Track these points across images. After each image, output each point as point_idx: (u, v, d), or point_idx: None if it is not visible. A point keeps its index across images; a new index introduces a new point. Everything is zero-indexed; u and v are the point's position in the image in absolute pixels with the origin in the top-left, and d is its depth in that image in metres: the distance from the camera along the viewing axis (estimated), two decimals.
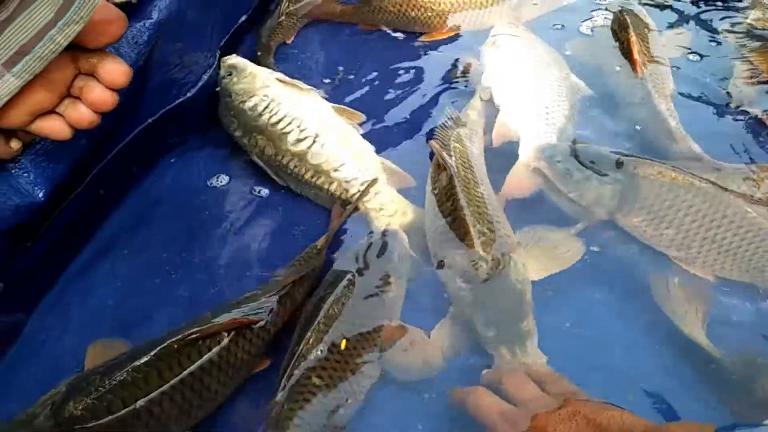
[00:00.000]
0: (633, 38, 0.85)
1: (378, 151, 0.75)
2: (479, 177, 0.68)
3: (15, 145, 0.56)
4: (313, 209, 0.74)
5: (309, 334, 0.55)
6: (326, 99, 0.80)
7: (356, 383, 0.54)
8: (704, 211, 0.63)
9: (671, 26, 0.96)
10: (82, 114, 0.53)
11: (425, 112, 0.83)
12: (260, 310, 0.57)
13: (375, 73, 0.91)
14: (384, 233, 0.66)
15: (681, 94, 0.83)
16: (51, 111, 0.53)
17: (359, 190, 0.71)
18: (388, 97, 0.87)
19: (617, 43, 0.88)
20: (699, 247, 0.63)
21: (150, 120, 0.78)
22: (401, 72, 0.91)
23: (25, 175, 0.59)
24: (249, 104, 0.77)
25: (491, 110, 0.80)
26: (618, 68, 0.85)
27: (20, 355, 0.61)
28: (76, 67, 0.53)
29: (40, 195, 0.60)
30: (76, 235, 0.69)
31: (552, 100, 0.78)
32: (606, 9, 0.97)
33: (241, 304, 0.58)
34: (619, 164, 0.68)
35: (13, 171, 0.59)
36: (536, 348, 0.56)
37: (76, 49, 0.50)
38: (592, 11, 0.97)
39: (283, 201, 0.75)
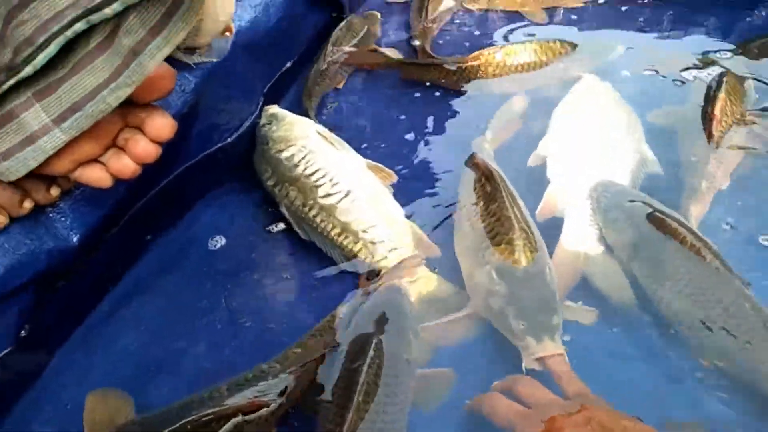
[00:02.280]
0: (721, 104, 0.78)
1: (406, 213, 0.74)
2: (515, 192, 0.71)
3: (54, 192, 0.57)
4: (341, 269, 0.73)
5: (351, 414, 0.51)
6: (361, 154, 0.80)
7: None
8: (702, 288, 0.61)
9: None
10: (126, 165, 0.54)
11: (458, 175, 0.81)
12: (274, 391, 0.56)
13: (413, 130, 0.90)
14: (392, 289, 0.65)
15: None
16: (94, 159, 0.54)
17: (385, 256, 0.70)
18: (422, 155, 0.86)
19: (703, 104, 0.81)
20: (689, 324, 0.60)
21: (188, 164, 0.79)
22: (438, 129, 0.90)
23: (63, 219, 0.60)
24: (286, 154, 0.77)
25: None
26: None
27: (38, 398, 0.61)
28: (124, 121, 0.54)
29: (75, 239, 0.61)
30: (105, 278, 0.70)
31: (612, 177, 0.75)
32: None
33: (258, 380, 0.57)
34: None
35: (51, 215, 0.60)
36: (560, 341, 0.58)
37: (125, 103, 0.50)
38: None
39: (312, 257, 0.74)
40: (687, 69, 0.93)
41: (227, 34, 0.77)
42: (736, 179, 0.75)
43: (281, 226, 0.77)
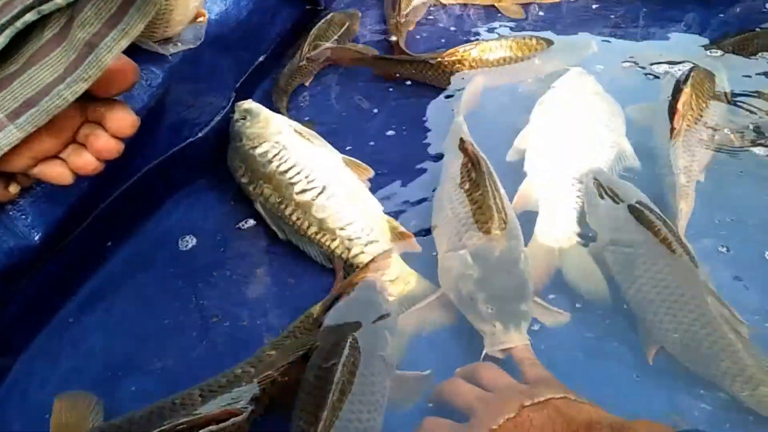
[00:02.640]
0: (685, 98, 0.79)
1: (384, 209, 0.73)
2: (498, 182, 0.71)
3: (13, 189, 0.55)
4: (315, 265, 0.71)
5: (326, 413, 0.50)
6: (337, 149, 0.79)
7: None
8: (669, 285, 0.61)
9: None
10: (86, 161, 0.52)
11: (437, 169, 0.80)
12: (247, 397, 0.54)
13: (388, 125, 0.89)
14: (368, 287, 0.63)
15: None
16: (54, 156, 0.52)
17: (362, 251, 0.69)
18: (399, 150, 0.85)
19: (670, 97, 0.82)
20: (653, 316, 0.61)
21: (157, 160, 0.77)
22: (415, 125, 0.89)
23: (23, 217, 0.58)
24: (260, 150, 0.75)
25: None
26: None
27: (2, 402, 0.60)
28: (84, 115, 0.52)
29: (36, 238, 0.59)
30: (71, 277, 0.68)
31: (578, 177, 0.74)
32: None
33: (232, 385, 0.55)
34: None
35: (10, 213, 0.58)
36: (525, 331, 0.58)
37: (84, 97, 0.49)
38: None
39: (285, 253, 0.73)
40: (659, 64, 0.93)
41: (201, 20, 0.75)
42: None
43: (252, 223, 0.76)
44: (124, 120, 0.51)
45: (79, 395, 0.57)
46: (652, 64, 0.94)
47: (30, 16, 0.42)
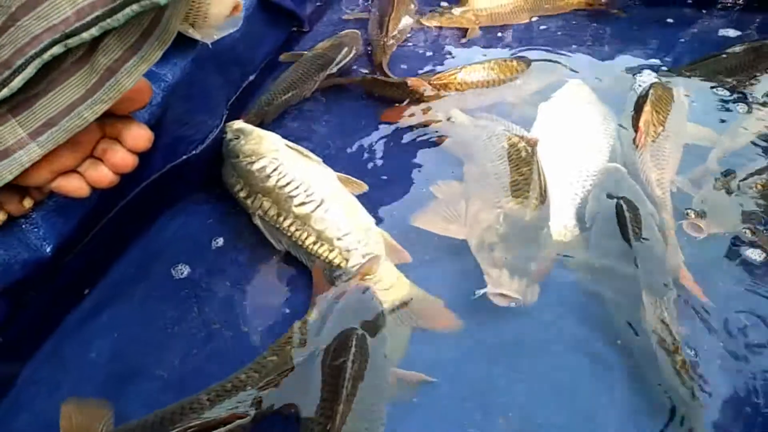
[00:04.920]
0: (646, 116, 0.86)
1: (377, 223, 0.77)
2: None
3: (27, 203, 0.58)
4: (309, 275, 0.75)
5: (340, 407, 0.55)
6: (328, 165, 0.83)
7: None
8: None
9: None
10: (103, 175, 0.55)
11: (425, 183, 0.85)
12: (251, 401, 0.58)
13: (378, 141, 0.93)
14: (359, 290, 0.68)
15: None
16: (72, 170, 0.55)
17: (359, 261, 0.72)
18: (390, 166, 0.89)
19: (633, 112, 0.90)
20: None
21: (155, 175, 0.80)
22: (405, 141, 0.94)
23: (36, 230, 0.61)
24: (257, 165, 0.79)
25: None
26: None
27: (10, 408, 0.62)
28: (101, 131, 0.55)
29: (48, 250, 0.61)
30: (77, 287, 0.71)
31: (579, 176, 0.83)
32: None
33: (237, 390, 0.59)
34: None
35: (23, 226, 0.60)
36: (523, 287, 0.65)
37: (102, 115, 0.52)
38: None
39: (280, 264, 0.76)
40: (624, 80, 1.00)
41: (236, 13, 0.79)
42: None
43: (248, 235, 0.79)
44: (139, 135, 0.55)
45: (88, 401, 0.59)
46: (618, 81, 1.01)
47: (57, 49, 0.45)
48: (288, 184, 0.77)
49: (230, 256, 0.77)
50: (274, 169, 0.78)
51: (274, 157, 0.79)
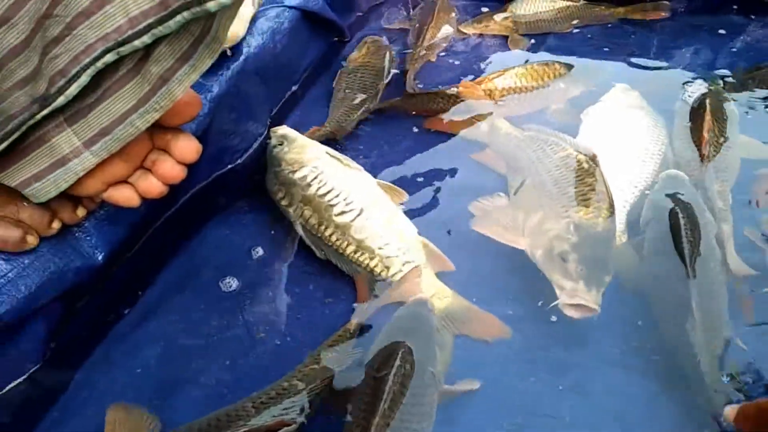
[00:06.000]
0: (707, 125, 0.84)
1: (419, 232, 0.77)
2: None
3: (81, 212, 0.60)
4: (350, 285, 0.75)
5: (376, 420, 0.54)
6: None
7: None
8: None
9: None
10: (153, 185, 0.57)
11: (465, 192, 0.84)
12: (296, 407, 0.58)
13: (419, 150, 0.93)
14: (418, 303, 0.67)
15: None
16: (123, 180, 0.56)
17: (400, 270, 0.72)
18: (430, 175, 0.89)
19: (689, 123, 0.88)
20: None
21: (201, 185, 0.81)
22: (446, 150, 0.93)
23: (88, 238, 0.62)
24: (299, 174, 0.79)
25: None
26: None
27: (62, 413, 0.63)
28: (152, 143, 0.56)
29: (100, 257, 0.63)
30: (126, 295, 0.72)
31: (629, 182, 0.82)
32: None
33: (282, 397, 0.59)
34: None
35: (77, 234, 0.62)
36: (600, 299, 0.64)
37: (152, 126, 0.53)
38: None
39: (323, 273, 0.76)
40: (672, 90, 0.97)
41: None
42: None
43: (290, 243, 0.80)
44: (188, 147, 0.56)
45: (132, 408, 0.60)
46: (665, 89, 0.98)
47: (110, 57, 0.46)
48: (328, 192, 0.77)
49: (273, 264, 0.78)
50: (315, 178, 0.78)
51: (315, 166, 0.79)
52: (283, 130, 0.85)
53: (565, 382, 0.64)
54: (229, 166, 0.85)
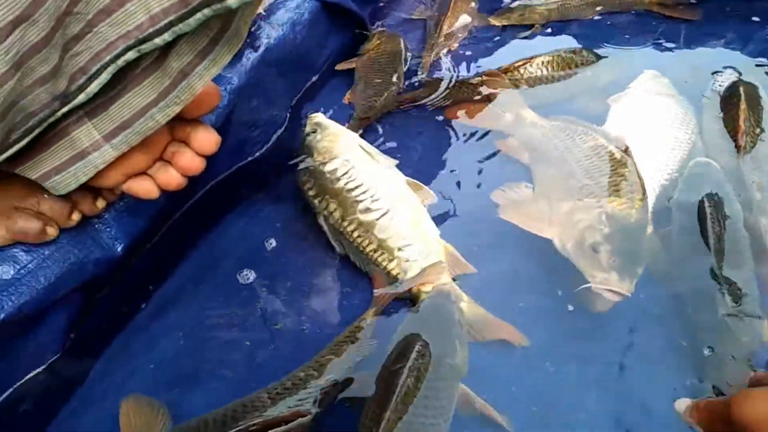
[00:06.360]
0: (743, 114, 0.82)
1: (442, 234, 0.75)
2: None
3: (100, 204, 0.60)
4: (367, 278, 0.74)
5: (388, 414, 0.54)
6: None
7: None
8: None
9: None
10: (172, 177, 0.57)
11: (490, 183, 0.83)
12: (311, 399, 0.58)
13: (442, 143, 0.91)
14: (441, 294, 0.67)
15: None
16: (142, 172, 0.56)
17: (419, 273, 0.71)
18: (454, 168, 0.87)
19: (722, 114, 0.87)
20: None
21: (221, 176, 0.81)
22: (470, 141, 0.91)
23: (108, 230, 0.63)
24: (329, 167, 0.78)
25: None
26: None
27: (80, 403, 0.63)
28: (171, 135, 0.56)
29: (119, 249, 0.63)
30: (145, 286, 0.72)
31: (658, 170, 0.80)
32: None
33: (297, 388, 0.59)
34: None
35: (96, 226, 0.62)
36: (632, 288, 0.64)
37: (172, 119, 0.53)
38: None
39: (341, 266, 0.76)
40: (702, 78, 0.95)
41: None
42: None
43: (310, 236, 0.79)
44: (207, 139, 0.56)
45: (145, 399, 0.60)
46: (694, 77, 0.96)
47: (131, 55, 0.46)
48: (356, 188, 0.76)
49: (291, 257, 0.77)
50: (345, 173, 0.77)
51: (346, 159, 0.78)
52: (318, 117, 0.83)
53: (588, 374, 0.63)
54: (249, 159, 0.84)
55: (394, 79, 0.98)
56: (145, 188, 0.56)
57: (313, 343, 0.67)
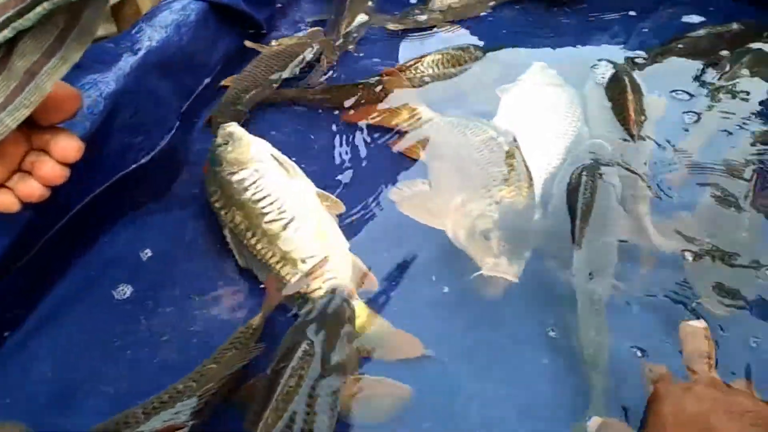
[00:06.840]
0: (631, 98, 0.87)
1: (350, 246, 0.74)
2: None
3: None
4: (261, 287, 0.73)
5: (267, 413, 0.53)
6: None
7: None
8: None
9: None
10: (33, 188, 0.53)
11: (389, 181, 0.83)
12: (189, 411, 0.56)
13: (339, 145, 0.91)
14: (331, 293, 0.66)
15: None
16: (0, 185, 0.53)
17: (320, 287, 0.69)
18: (352, 172, 0.87)
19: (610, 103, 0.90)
20: None
21: (103, 185, 0.78)
22: (367, 142, 0.91)
23: None
24: (237, 177, 0.76)
25: None
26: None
27: None
28: (29, 144, 0.53)
29: None
30: (19, 303, 0.68)
31: (543, 157, 0.83)
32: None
33: (174, 401, 0.57)
34: None
35: None
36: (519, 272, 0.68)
37: (29, 126, 0.50)
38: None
39: (233, 274, 0.74)
40: (584, 68, 0.99)
41: None
42: None
43: (201, 244, 0.77)
44: (68, 146, 0.52)
45: (11, 424, 0.58)
46: (576, 68, 1.00)
47: None
48: (262, 199, 0.74)
49: (179, 267, 0.75)
50: (253, 183, 0.75)
51: (256, 169, 0.76)
52: (232, 128, 0.80)
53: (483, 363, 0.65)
54: (134, 166, 0.81)
55: (274, 76, 0.98)
56: (4, 201, 0.53)
57: (201, 355, 0.65)
